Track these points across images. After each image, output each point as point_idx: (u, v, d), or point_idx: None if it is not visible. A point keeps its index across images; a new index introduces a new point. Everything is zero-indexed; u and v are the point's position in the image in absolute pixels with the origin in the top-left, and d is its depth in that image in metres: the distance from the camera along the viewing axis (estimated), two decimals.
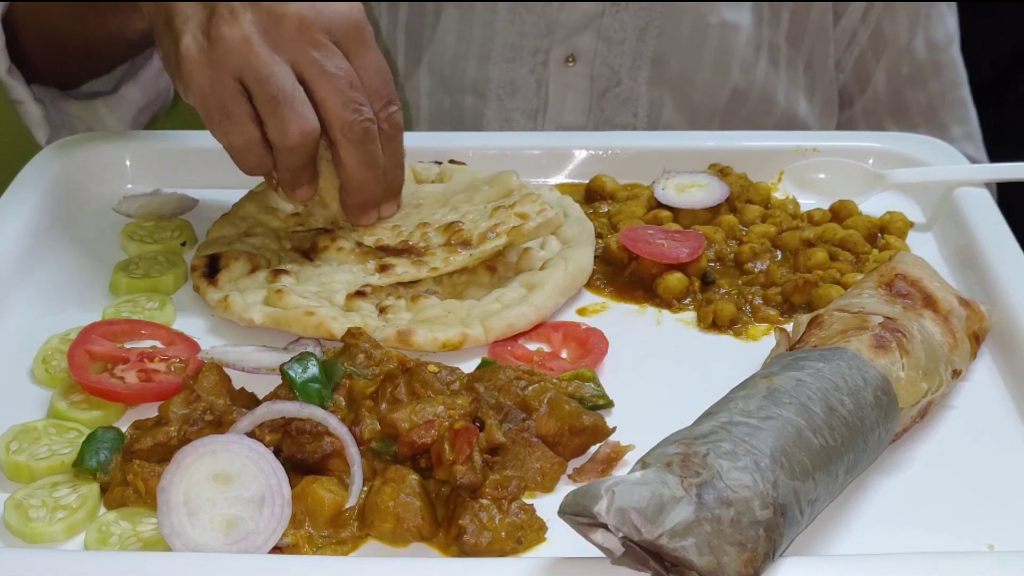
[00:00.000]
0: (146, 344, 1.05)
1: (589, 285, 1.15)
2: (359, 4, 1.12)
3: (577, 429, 0.93)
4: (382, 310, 1.09)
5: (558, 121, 1.56)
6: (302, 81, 1.09)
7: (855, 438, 0.87)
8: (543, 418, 0.94)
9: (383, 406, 0.92)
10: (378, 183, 1.14)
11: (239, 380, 0.98)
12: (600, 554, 0.77)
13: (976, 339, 1.03)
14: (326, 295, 1.10)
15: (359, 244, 1.16)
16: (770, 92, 1.55)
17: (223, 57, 1.07)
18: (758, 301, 1.12)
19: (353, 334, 0.99)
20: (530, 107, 1.56)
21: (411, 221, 1.21)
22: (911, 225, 1.24)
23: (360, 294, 1.10)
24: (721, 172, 1.29)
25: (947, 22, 1.63)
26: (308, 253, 1.17)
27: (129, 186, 1.31)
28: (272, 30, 1.08)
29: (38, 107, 1.41)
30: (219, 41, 1.07)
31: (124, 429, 0.95)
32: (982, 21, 1.83)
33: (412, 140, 1.39)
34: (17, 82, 1.39)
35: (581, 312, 1.13)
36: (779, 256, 1.19)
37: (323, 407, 0.91)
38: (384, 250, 1.16)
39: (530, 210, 1.17)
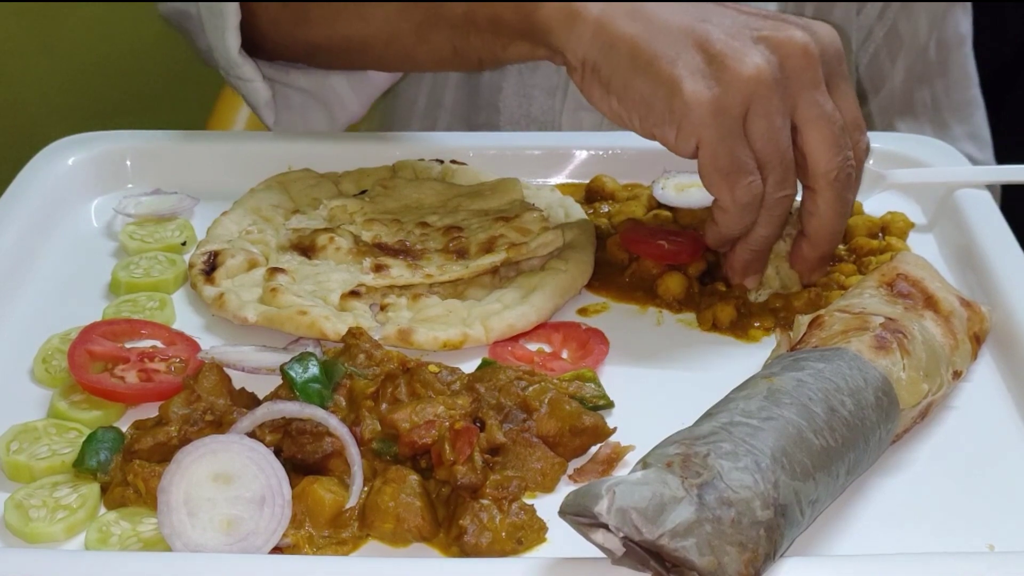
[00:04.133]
0: (146, 344, 1.05)
1: (589, 286, 1.15)
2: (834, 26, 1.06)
3: (578, 429, 0.93)
4: (383, 308, 1.09)
5: (579, 101, 1.51)
6: (792, 124, 1.02)
7: (856, 439, 0.87)
8: (544, 418, 0.94)
9: (384, 406, 0.92)
10: (842, 231, 1.07)
11: (239, 380, 0.98)
12: (600, 554, 0.77)
13: (977, 340, 1.03)
14: (321, 294, 1.10)
15: (357, 242, 1.16)
16: None
17: (735, 102, 0.99)
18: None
19: (353, 334, 0.99)
20: (550, 84, 1.52)
21: (411, 217, 1.21)
22: (912, 226, 1.24)
23: (355, 294, 1.10)
24: None
25: (960, 23, 1.62)
26: (307, 251, 1.17)
27: (129, 186, 1.31)
28: (779, 66, 1.00)
29: (267, 87, 1.33)
30: (732, 84, 0.99)
31: (124, 429, 0.95)
32: (986, 22, 1.82)
33: (411, 140, 1.40)
34: (247, 61, 1.31)
35: (582, 312, 1.12)
36: None
37: (323, 407, 0.91)
38: (381, 248, 1.16)
39: (532, 227, 1.17)
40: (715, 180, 1.02)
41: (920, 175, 1.28)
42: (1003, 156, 1.59)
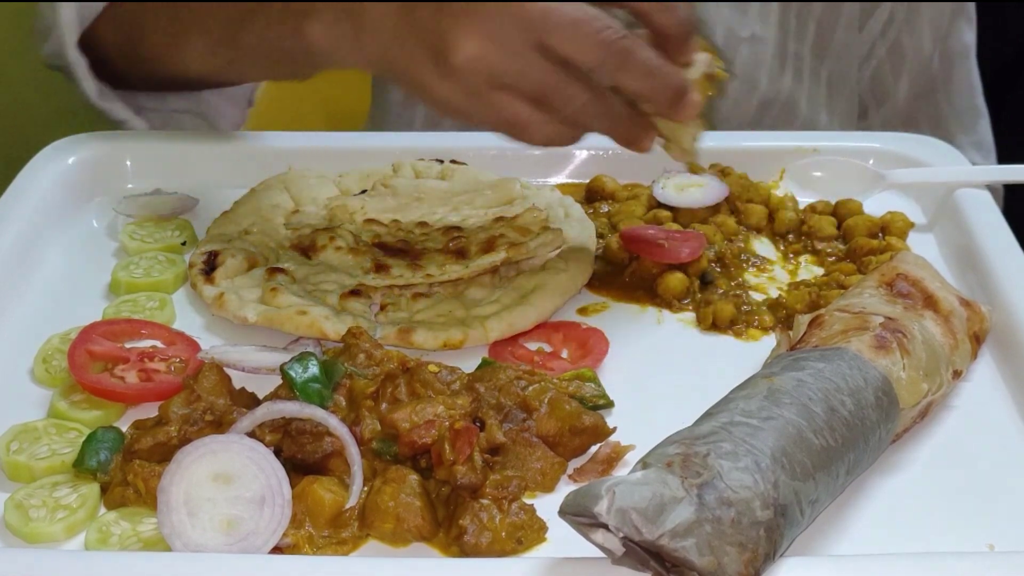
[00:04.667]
0: (146, 344, 1.05)
1: (590, 285, 1.15)
2: None
3: (577, 429, 0.93)
4: (383, 308, 1.09)
5: None
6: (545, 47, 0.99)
7: (856, 438, 0.87)
8: (543, 418, 0.94)
9: (383, 406, 0.92)
10: (670, 72, 1.02)
11: (239, 380, 0.98)
12: (600, 554, 0.77)
13: (977, 340, 1.03)
14: (320, 294, 1.10)
15: (357, 241, 1.16)
16: (795, 100, 1.55)
17: (479, 85, 1.00)
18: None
19: (353, 334, 0.99)
20: None
21: (411, 216, 1.21)
22: (912, 225, 1.24)
23: (355, 294, 1.10)
24: (721, 172, 1.29)
25: (964, 34, 1.62)
26: (307, 251, 1.17)
27: (129, 186, 1.31)
28: (492, 28, 0.99)
29: (143, 120, 1.37)
30: (464, 73, 1.00)
31: (124, 429, 0.95)
32: (987, 22, 1.83)
33: (411, 140, 1.40)
34: (113, 104, 1.35)
35: (582, 312, 1.12)
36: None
37: (323, 407, 0.91)
38: (382, 247, 1.16)
39: (532, 227, 1.16)
40: (513, 139, 1.04)
41: (920, 175, 1.28)
42: (1004, 156, 1.59)
